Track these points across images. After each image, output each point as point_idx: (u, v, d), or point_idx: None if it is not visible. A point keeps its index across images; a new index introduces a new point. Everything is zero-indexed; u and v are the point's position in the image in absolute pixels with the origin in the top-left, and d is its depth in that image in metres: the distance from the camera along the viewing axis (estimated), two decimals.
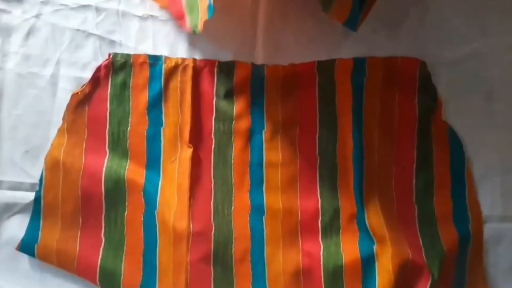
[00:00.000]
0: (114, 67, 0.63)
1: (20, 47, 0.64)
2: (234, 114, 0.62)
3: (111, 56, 0.63)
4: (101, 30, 0.65)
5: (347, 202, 0.60)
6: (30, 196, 0.62)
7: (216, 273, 0.59)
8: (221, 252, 0.59)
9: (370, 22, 0.61)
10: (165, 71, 0.63)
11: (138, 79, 0.63)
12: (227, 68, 0.63)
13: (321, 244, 0.60)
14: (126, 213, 0.61)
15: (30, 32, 0.64)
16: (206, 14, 0.58)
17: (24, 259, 0.62)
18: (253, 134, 0.62)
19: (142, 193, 0.61)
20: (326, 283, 0.58)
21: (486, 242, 0.61)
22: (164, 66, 0.63)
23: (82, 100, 0.63)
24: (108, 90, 0.63)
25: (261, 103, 0.63)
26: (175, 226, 0.59)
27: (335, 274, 0.58)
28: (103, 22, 0.65)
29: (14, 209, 0.62)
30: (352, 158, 0.60)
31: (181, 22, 0.62)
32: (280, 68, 0.63)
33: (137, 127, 0.62)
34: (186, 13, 0.62)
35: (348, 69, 0.62)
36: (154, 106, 0.63)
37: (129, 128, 0.62)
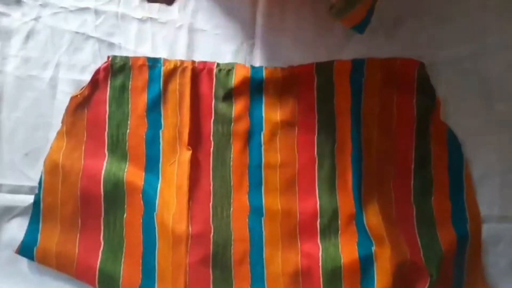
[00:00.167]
0: (113, 70, 0.63)
1: (20, 50, 0.64)
2: (233, 116, 0.62)
3: (110, 59, 0.64)
4: (100, 33, 0.65)
5: (346, 203, 0.60)
6: (30, 199, 0.62)
7: (215, 275, 0.59)
8: (220, 254, 0.59)
9: (370, 23, 0.61)
10: (164, 74, 0.63)
11: (137, 82, 0.63)
12: (226, 70, 0.63)
13: (320, 245, 0.60)
14: (125, 216, 0.61)
15: (29, 35, 0.65)
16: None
17: (23, 262, 0.62)
18: (252, 136, 0.62)
19: (141, 196, 0.61)
20: (325, 284, 0.58)
21: (485, 242, 0.61)
22: (163, 69, 0.63)
23: (81, 103, 0.63)
24: (107, 93, 0.63)
25: (260, 105, 0.63)
26: (174, 228, 0.59)
27: (334, 275, 0.58)
28: (102, 25, 0.65)
29: (14, 212, 0.62)
30: (351, 159, 0.60)
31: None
32: (279, 70, 0.63)
33: (136, 130, 0.62)
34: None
35: (347, 71, 0.62)
36: (153, 109, 0.63)
37: (128, 131, 0.62)
